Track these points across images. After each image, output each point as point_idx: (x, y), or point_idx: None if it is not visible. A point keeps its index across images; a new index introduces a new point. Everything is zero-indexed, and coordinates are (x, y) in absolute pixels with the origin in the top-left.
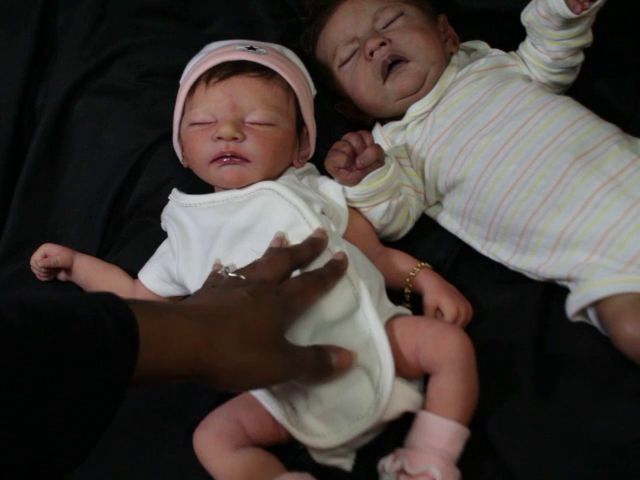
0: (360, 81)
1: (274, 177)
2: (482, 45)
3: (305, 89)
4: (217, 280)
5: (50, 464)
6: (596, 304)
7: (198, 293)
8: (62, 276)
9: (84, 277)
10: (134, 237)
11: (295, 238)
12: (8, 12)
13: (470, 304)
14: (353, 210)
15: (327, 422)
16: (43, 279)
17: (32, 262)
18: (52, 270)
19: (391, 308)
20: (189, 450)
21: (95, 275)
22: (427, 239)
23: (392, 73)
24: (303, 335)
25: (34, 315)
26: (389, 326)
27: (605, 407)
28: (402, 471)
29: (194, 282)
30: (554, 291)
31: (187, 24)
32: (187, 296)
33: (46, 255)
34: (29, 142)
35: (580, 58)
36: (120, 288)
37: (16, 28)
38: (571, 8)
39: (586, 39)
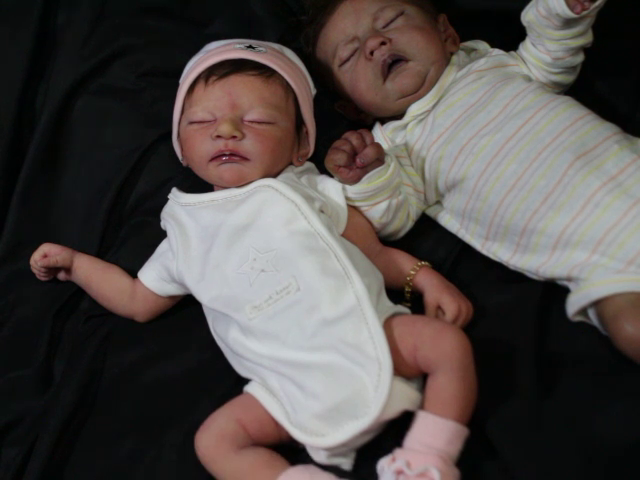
0: (360, 80)
1: (273, 175)
2: (482, 45)
3: (304, 88)
4: None
5: None
6: (596, 304)
7: None
8: (62, 276)
9: (84, 277)
10: (134, 237)
11: (294, 234)
12: (8, 12)
13: (471, 303)
14: (353, 209)
15: (327, 421)
16: (43, 279)
17: (32, 262)
18: (52, 270)
19: (390, 307)
20: (189, 450)
21: (95, 274)
22: (427, 238)
23: (392, 72)
24: (305, 334)
25: None
26: (388, 325)
27: (605, 407)
28: (401, 471)
29: (193, 281)
30: (554, 291)
31: (187, 24)
32: (186, 295)
33: (46, 255)
34: (29, 142)
35: (580, 58)
36: (120, 287)
37: (16, 28)
38: (571, 8)
39: (586, 39)
